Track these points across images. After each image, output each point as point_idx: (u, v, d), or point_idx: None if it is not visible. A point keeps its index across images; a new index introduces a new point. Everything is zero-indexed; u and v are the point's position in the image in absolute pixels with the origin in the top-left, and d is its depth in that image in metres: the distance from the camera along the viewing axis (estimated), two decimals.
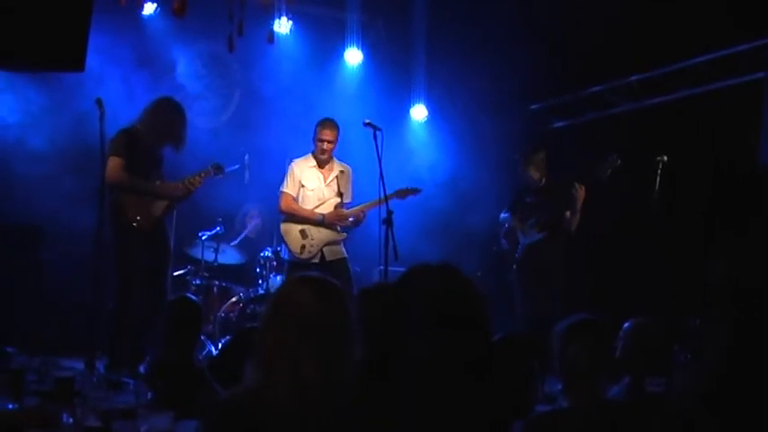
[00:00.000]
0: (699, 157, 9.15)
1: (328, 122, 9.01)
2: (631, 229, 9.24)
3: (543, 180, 9.36)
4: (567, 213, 8.98)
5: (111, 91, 9.11)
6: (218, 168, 8.52)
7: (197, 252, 9.75)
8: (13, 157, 9.61)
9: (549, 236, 9.19)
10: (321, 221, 8.91)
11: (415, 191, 9.14)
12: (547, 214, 9.15)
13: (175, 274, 9.47)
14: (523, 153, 9.43)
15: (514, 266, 9.38)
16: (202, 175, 8.39)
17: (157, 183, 8.17)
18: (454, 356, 2.52)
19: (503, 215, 9.65)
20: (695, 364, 5.90)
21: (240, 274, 10.26)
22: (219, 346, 8.73)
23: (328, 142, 8.95)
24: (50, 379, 4.55)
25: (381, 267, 8.22)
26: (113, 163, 7.80)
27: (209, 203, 9.83)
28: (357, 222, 9.02)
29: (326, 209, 8.99)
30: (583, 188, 8.80)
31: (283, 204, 9.07)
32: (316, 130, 9.01)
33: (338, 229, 9.03)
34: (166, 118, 8.22)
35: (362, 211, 8.97)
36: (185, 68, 11.17)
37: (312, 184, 9.06)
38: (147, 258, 8.01)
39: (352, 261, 9.73)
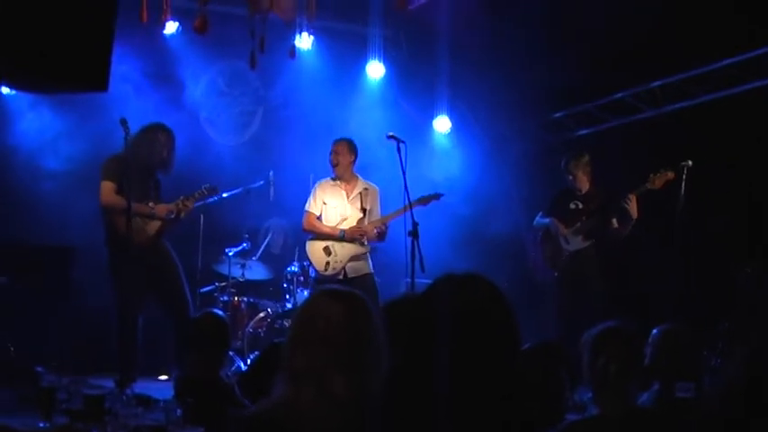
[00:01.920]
0: (724, 161, 9.08)
1: (337, 138, 9.15)
2: (658, 235, 9.19)
3: (588, 186, 9.32)
4: (615, 222, 8.93)
5: (134, 110, 9.17)
6: (213, 189, 8.69)
7: (224, 268, 9.78)
8: (41, 176, 9.69)
9: (593, 244, 9.15)
10: (342, 237, 8.96)
11: (436, 196, 9.14)
12: (594, 222, 9.10)
13: (203, 290, 9.54)
14: (568, 158, 9.38)
15: (555, 273, 9.35)
16: (196, 196, 8.56)
17: (150, 204, 8.26)
18: (482, 366, 2.51)
19: (539, 219, 9.60)
20: (725, 368, 5.87)
21: (268, 290, 10.29)
22: (248, 361, 8.75)
23: (334, 153, 9.06)
24: (80, 397, 4.57)
25: (408, 280, 8.22)
26: (105, 187, 8.10)
27: (235, 220, 9.89)
28: (381, 235, 9.02)
29: (349, 225, 9.03)
30: (634, 198, 8.73)
31: (305, 223, 9.16)
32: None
33: (363, 242, 9.02)
34: (150, 144, 8.38)
35: (384, 223, 8.99)
36: (208, 86, 11.23)
37: (334, 202, 9.12)
38: (146, 277, 8.17)
39: (379, 274, 9.76)
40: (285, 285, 9.77)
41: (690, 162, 8.38)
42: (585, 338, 4.05)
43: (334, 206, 9.11)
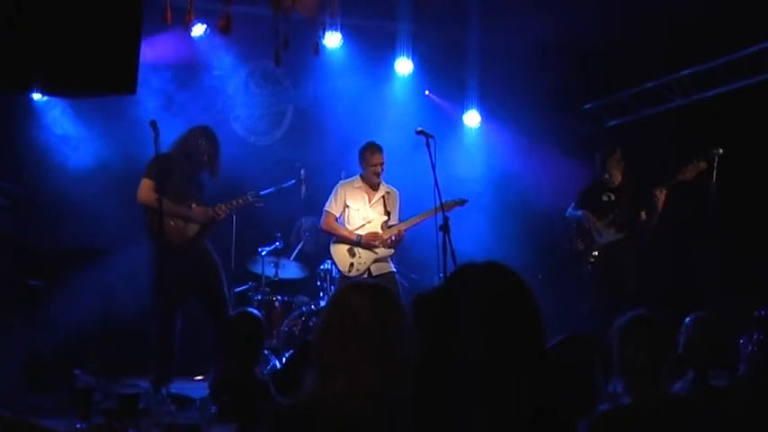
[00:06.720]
0: (755, 149, 9.01)
1: (377, 147, 9.09)
2: (690, 224, 9.14)
3: (620, 178, 9.29)
4: (643, 214, 8.89)
5: (164, 112, 9.27)
6: (258, 197, 8.70)
7: (257, 268, 9.83)
8: (72, 180, 9.78)
9: (626, 237, 9.12)
10: (358, 242, 8.99)
11: (461, 202, 9.04)
12: (625, 214, 9.06)
13: (237, 290, 9.60)
14: (602, 155, 9.35)
15: (588, 266, 9.32)
16: (240, 201, 8.65)
17: (193, 206, 8.36)
18: (505, 352, 2.51)
19: (570, 211, 9.58)
20: (760, 356, 5.85)
21: (301, 288, 10.32)
22: (283, 359, 8.78)
23: (381, 165, 9.03)
24: (116, 397, 4.63)
25: (441, 275, 8.20)
26: (144, 184, 8.19)
27: (267, 219, 9.92)
28: (398, 242, 9.01)
29: (372, 228, 9.06)
30: (664, 192, 8.69)
31: (324, 223, 9.20)
32: (364, 155, 9.08)
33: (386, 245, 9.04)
34: (195, 144, 8.48)
35: (400, 231, 8.98)
36: (238, 86, 11.29)
37: (357, 205, 9.14)
38: (187, 277, 8.25)
39: (412, 270, 9.74)
40: (319, 283, 9.80)
41: (721, 150, 8.35)
42: (615, 327, 4.06)
43: (356, 209, 9.13)
